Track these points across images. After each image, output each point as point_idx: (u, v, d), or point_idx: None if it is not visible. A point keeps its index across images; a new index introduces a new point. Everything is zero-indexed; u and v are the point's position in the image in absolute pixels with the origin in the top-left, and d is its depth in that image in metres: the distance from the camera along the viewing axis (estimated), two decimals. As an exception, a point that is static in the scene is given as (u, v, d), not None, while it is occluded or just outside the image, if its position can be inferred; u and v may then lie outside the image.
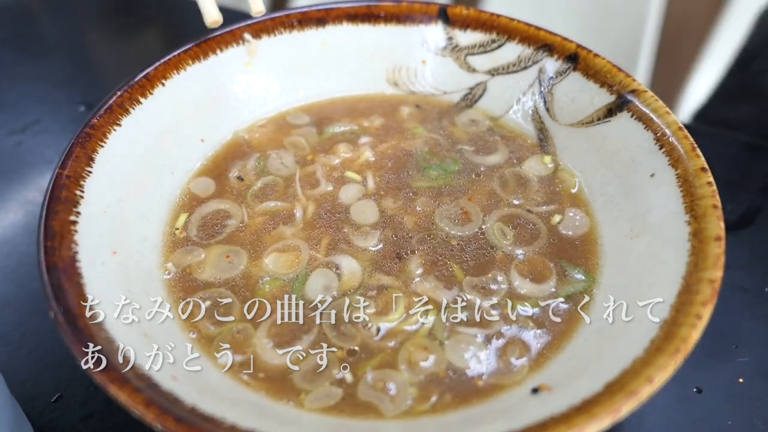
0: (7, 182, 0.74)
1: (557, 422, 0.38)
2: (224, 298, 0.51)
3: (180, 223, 0.56)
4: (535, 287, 0.51)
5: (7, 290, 0.62)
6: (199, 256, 0.53)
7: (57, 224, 0.46)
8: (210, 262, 0.53)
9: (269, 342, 0.48)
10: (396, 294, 0.50)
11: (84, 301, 0.43)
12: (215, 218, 0.57)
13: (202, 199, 0.58)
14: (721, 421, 0.54)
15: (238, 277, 0.52)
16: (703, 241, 0.46)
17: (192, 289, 0.51)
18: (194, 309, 0.50)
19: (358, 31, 0.65)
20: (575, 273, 0.52)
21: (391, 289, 0.51)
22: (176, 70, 0.59)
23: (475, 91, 0.66)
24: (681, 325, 0.41)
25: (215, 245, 0.55)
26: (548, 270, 0.52)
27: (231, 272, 0.53)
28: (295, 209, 0.57)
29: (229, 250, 0.54)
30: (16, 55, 0.92)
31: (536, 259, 0.53)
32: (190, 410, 0.39)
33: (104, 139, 0.53)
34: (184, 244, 0.54)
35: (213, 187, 0.59)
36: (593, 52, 0.59)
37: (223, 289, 0.51)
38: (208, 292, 0.51)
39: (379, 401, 0.45)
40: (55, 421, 0.53)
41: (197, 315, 0.49)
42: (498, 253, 0.54)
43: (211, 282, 0.52)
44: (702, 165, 0.50)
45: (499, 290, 0.51)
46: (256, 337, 0.48)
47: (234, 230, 0.56)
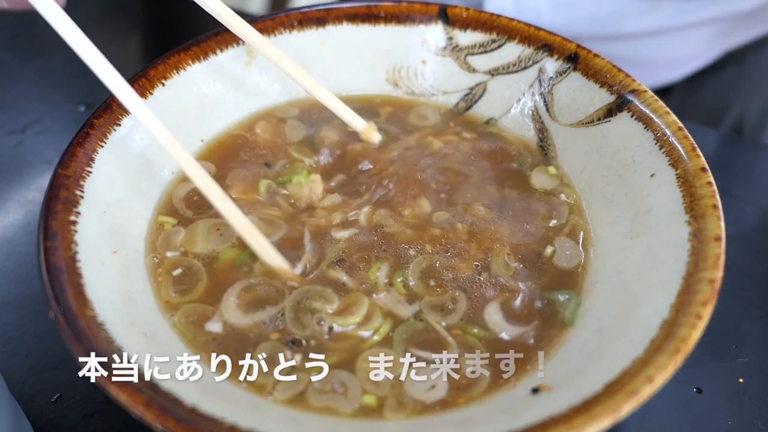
0: (6, 182, 0.74)
1: (557, 422, 0.38)
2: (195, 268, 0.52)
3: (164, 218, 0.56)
4: (513, 328, 0.49)
5: (7, 290, 0.62)
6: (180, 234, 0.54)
7: (57, 224, 0.46)
8: (200, 235, 0.54)
9: (236, 300, 0.49)
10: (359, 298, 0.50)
11: (84, 301, 0.43)
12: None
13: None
14: (721, 421, 0.54)
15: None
16: (703, 241, 0.46)
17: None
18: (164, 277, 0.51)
19: (358, 31, 0.65)
20: (561, 295, 0.51)
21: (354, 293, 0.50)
22: (176, 70, 0.59)
23: (475, 91, 0.66)
24: (681, 325, 0.41)
25: (201, 221, 0.55)
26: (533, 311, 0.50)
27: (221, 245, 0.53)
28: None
29: (218, 224, 0.54)
30: (16, 55, 0.92)
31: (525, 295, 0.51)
32: (190, 410, 0.39)
33: (104, 139, 0.53)
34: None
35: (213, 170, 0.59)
36: (593, 52, 0.59)
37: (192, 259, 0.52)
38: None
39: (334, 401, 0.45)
40: (55, 421, 0.53)
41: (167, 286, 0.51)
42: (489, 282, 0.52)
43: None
44: (702, 165, 0.50)
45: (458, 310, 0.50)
46: (225, 293, 0.50)
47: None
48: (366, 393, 0.45)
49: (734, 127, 0.98)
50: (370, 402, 0.45)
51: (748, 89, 0.98)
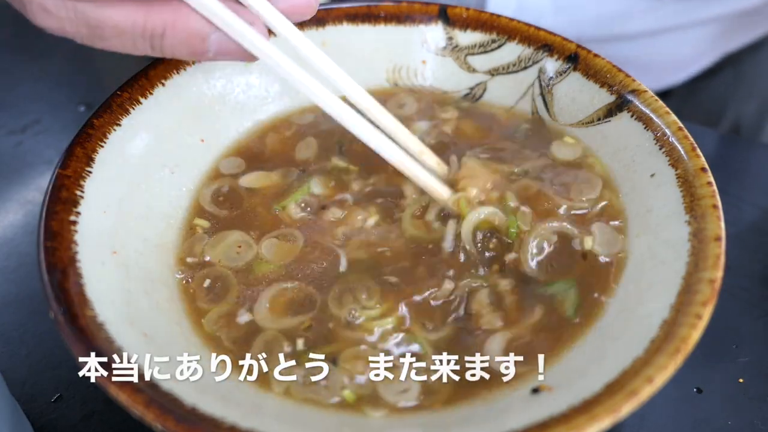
0: (6, 182, 0.74)
1: (557, 422, 0.38)
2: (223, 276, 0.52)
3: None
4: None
5: (7, 290, 0.62)
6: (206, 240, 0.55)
7: (57, 224, 0.46)
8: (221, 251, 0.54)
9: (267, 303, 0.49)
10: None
11: (84, 301, 0.43)
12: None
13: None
14: (721, 421, 0.54)
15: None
16: (703, 241, 0.46)
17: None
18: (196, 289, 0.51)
19: (357, 31, 0.65)
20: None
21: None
22: (176, 70, 0.59)
23: (475, 91, 0.66)
24: (681, 325, 0.41)
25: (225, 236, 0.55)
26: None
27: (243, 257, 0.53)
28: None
29: (240, 241, 0.54)
30: (17, 55, 0.92)
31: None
32: (190, 410, 0.39)
33: (104, 139, 0.53)
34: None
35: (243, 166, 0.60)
36: (593, 52, 0.59)
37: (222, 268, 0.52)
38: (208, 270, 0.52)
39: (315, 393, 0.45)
40: (55, 421, 0.53)
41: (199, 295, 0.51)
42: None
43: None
44: (702, 165, 0.50)
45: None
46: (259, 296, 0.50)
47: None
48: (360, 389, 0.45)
49: (732, 129, 0.99)
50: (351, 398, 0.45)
51: (745, 91, 0.99)
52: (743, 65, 0.98)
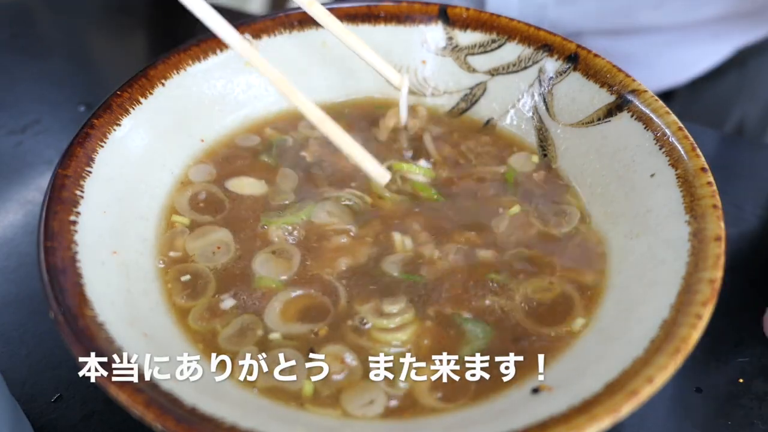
0: (6, 182, 0.74)
1: (557, 422, 0.38)
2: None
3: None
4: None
5: (7, 290, 0.62)
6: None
7: (57, 224, 0.46)
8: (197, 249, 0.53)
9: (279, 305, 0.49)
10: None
11: (84, 301, 0.43)
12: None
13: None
14: (721, 421, 0.54)
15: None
16: (703, 241, 0.46)
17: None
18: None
19: (357, 31, 0.65)
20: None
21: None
22: (176, 70, 0.59)
23: (475, 91, 0.66)
24: (681, 325, 0.41)
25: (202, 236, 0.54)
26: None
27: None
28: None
29: (218, 242, 0.54)
30: (16, 55, 0.92)
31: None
32: (190, 410, 0.39)
33: (104, 139, 0.53)
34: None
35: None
36: (593, 52, 0.59)
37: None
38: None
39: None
40: (55, 421, 0.53)
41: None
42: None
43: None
44: (702, 165, 0.50)
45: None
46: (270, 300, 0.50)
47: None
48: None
49: (736, 131, 0.99)
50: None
51: (749, 93, 0.99)
52: (748, 67, 0.98)
